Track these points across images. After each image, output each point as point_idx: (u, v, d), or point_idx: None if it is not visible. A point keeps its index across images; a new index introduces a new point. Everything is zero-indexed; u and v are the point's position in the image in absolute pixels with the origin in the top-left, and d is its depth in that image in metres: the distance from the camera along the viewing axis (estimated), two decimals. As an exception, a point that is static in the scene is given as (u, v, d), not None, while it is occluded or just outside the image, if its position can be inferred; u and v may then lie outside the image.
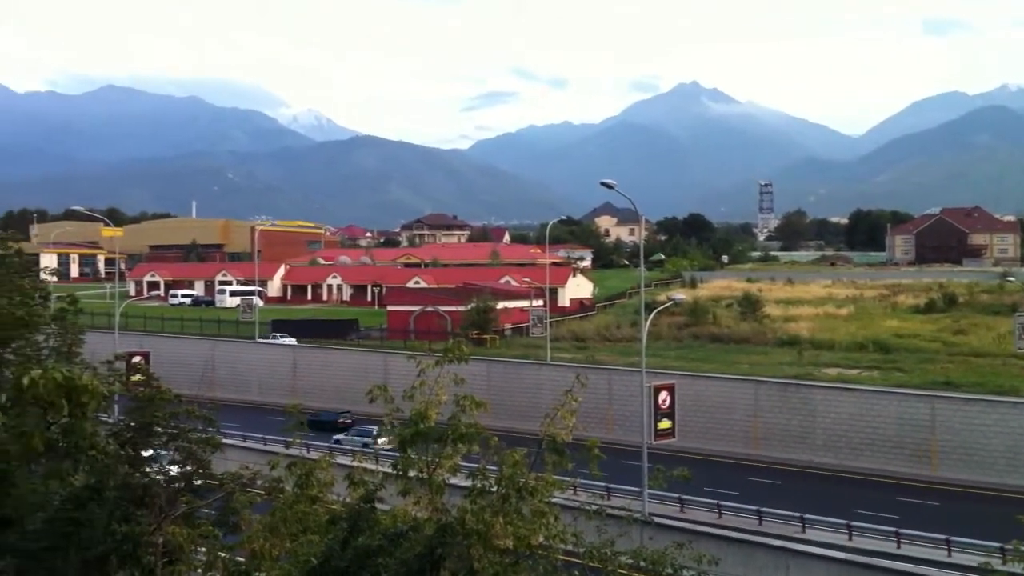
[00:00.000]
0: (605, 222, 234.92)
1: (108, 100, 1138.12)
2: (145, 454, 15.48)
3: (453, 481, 10.55)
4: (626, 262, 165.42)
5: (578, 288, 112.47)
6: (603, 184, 40.74)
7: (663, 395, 41.39)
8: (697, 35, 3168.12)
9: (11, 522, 11.05)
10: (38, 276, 20.87)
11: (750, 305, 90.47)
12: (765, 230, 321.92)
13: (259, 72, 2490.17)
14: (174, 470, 15.17)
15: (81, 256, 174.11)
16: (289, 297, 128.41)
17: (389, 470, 10.76)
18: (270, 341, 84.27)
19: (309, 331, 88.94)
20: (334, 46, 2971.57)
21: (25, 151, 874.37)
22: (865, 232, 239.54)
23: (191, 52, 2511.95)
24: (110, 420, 16.48)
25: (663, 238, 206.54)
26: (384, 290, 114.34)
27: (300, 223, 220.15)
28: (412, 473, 10.35)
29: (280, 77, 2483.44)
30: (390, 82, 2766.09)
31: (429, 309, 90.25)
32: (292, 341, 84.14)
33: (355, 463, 11.46)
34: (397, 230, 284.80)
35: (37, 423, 12.49)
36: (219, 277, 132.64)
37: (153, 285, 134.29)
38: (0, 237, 20.23)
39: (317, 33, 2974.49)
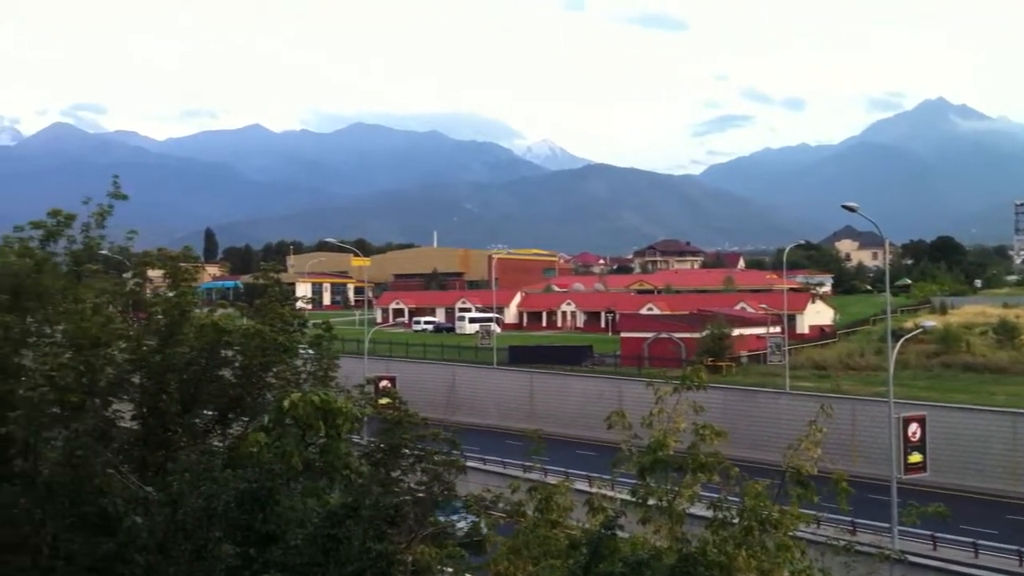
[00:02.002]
0: (846, 246, 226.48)
1: (357, 137, 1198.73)
2: (394, 474, 16.10)
3: (693, 511, 10.45)
4: (869, 288, 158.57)
5: (818, 315, 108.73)
6: (845, 207, 39.39)
7: (913, 427, 39.38)
8: (943, 49, 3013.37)
9: (275, 538, 11.72)
10: (295, 304, 22.05)
11: (1007, 332, 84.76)
12: (1022, 252, 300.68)
13: (499, 107, 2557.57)
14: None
15: (333, 285, 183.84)
16: (525, 324, 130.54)
17: (629, 497, 10.77)
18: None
19: (544, 357, 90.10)
20: (566, 80, 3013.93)
21: (282, 187, 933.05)
22: None
23: (433, 90, 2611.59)
24: (362, 441, 17.23)
25: (909, 262, 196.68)
26: (617, 317, 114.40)
27: (535, 251, 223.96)
28: (651, 501, 10.32)
29: (518, 110, 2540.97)
30: (621, 110, 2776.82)
31: (663, 336, 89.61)
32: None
33: (594, 489, 11.54)
34: (630, 257, 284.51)
35: (296, 443, 13.27)
36: (459, 304, 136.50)
37: (398, 312, 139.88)
38: (262, 268, 21.50)
39: (551, 70, 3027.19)
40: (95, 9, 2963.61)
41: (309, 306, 71.78)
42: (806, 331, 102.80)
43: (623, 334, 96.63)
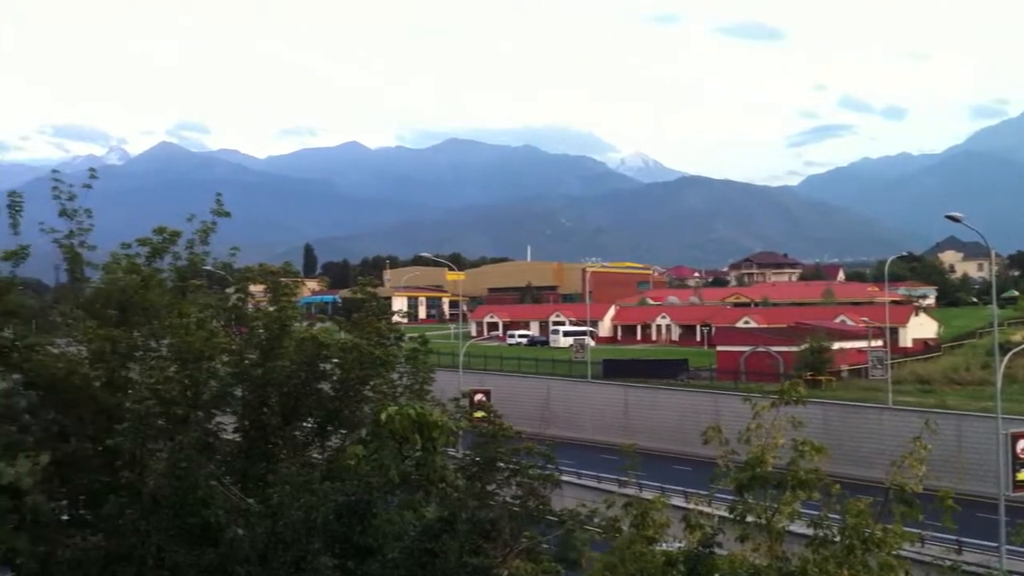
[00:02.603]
0: (949, 257, 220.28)
1: (451, 152, 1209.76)
2: (490, 488, 16.14)
3: (793, 529, 10.26)
4: (974, 300, 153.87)
5: (921, 328, 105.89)
6: (948, 217, 38.39)
7: (1022, 443, 38.08)
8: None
9: (372, 551, 11.84)
10: (391, 318, 22.28)
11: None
12: None
13: (592, 120, 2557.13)
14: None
15: (428, 299, 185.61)
16: (619, 337, 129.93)
17: (726, 514, 10.62)
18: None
19: (639, 371, 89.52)
20: (659, 92, 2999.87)
21: (379, 202, 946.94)
22: None
23: (526, 105, 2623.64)
24: (458, 454, 17.31)
25: (1016, 273, 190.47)
26: (713, 330, 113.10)
27: (629, 264, 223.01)
28: (750, 519, 10.17)
29: (611, 123, 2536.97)
30: (715, 122, 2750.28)
31: (760, 349, 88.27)
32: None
33: (691, 505, 11.42)
34: (725, 269, 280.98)
35: (393, 456, 13.38)
36: (553, 318, 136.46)
37: (492, 326, 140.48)
38: (359, 282, 21.79)
39: (644, 82, 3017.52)
40: (198, 35, 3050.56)
41: (405, 320, 72.44)
42: (909, 345, 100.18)
43: (719, 348, 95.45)
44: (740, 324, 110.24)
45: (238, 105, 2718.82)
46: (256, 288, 21.06)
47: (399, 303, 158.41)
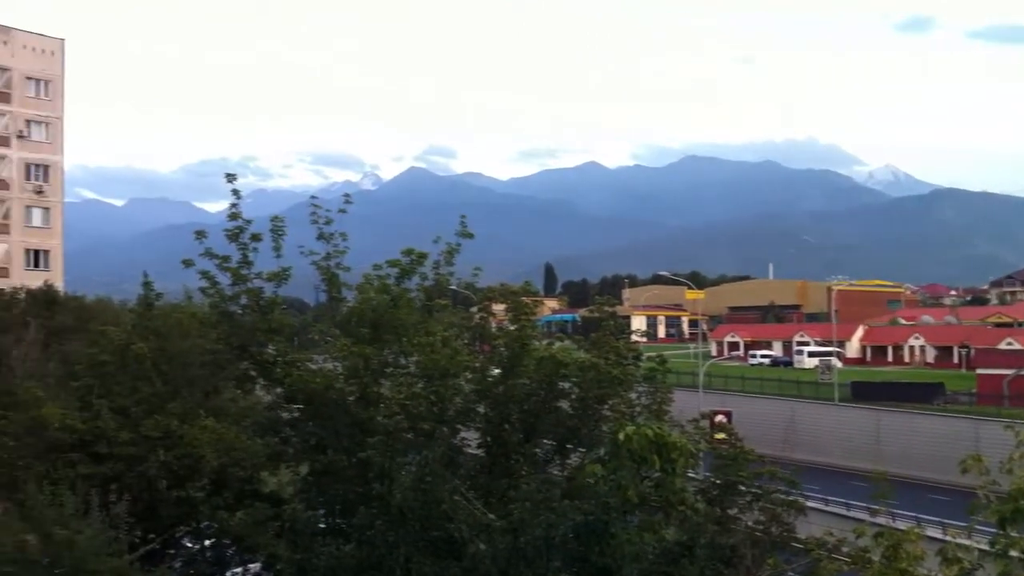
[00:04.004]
0: None
1: (689, 169, 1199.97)
2: (731, 513, 15.85)
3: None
4: None
5: None
6: None
7: None
8: None
9: (610, 572, 11.83)
10: (630, 337, 22.27)
11: None
12: None
13: (836, 133, 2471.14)
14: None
15: (667, 318, 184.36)
16: (868, 358, 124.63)
17: (987, 548, 9.97)
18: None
19: (891, 394, 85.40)
20: (907, 101, 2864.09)
21: (618, 221, 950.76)
22: None
23: (766, 119, 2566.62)
24: (697, 477, 17.08)
25: None
26: (972, 352, 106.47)
27: (878, 282, 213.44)
28: (1013, 553, 9.51)
29: (856, 136, 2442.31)
30: (970, 131, 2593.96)
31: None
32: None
33: (948, 537, 10.77)
34: (985, 287, 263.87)
35: (632, 476, 13.33)
36: (796, 337, 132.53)
37: (733, 345, 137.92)
38: (597, 302, 21.93)
39: (890, 92, 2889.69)
40: (446, 68, 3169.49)
41: (643, 339, 72.37)
42: None
43: (979, 371, 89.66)
44: (1003, 345, 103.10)
45: (482, 130, 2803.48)
46: (498, 307, 21.57)
47: (638, 322, 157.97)
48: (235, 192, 21.18)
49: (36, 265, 77.96)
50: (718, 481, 16.48)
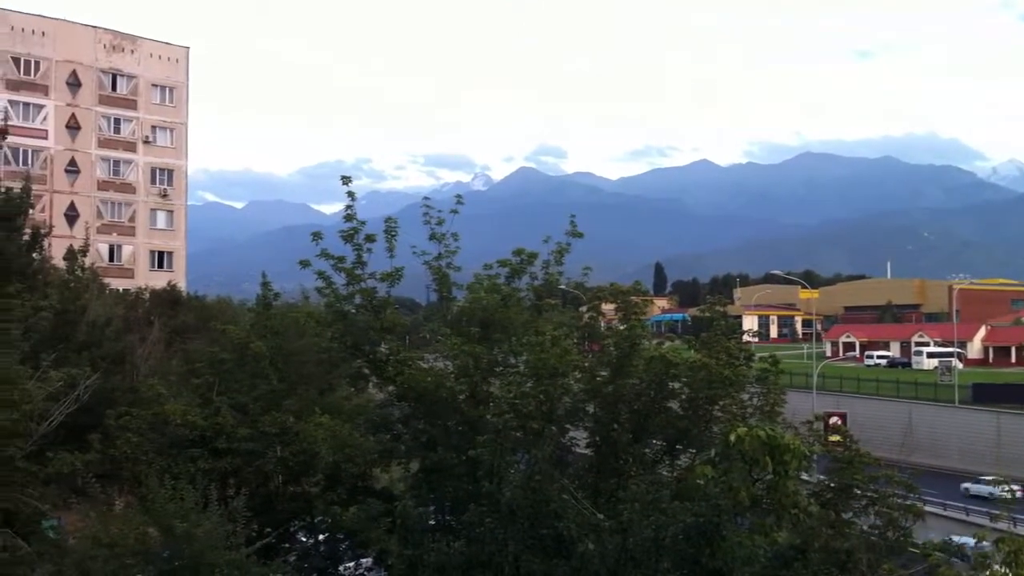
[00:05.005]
0: None
1: (804, 166, 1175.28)
2: (845, 516, 15.51)
3: None
4: None
5: None
6: None
7: None
8: None
9: (721, 575, 11.71)
10: (741, 337, 21.97)
11: None
12: None
13: (958, 127, 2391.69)
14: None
15: (779, 317, 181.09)
16: (991, 359, 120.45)
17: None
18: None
19: (1015, 396, 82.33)
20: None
21: (730, 219, 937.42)
22: None
23: (885, 114, 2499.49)
24: (811, 479, 16.76)
25: None
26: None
27: (1002, 280, 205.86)
28: None
29: (980, 129, 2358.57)
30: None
31: None
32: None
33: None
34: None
35: (743, 478, 13.17)
36: (915, 338, 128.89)
37: (848, 346, 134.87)
38: (709, 301, 21.71)
39: (1016, 83, 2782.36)
40: (553, 71, 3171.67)
41: (755, 339, 71.27)
42: None
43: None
44: None
45: (592, 129, 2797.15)
46: (607, 307, 21.53)
47: (749, 322, 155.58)
48: (350, 194, 21.58)
49: (160, 266, 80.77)
50: (832, 484, 16.13)
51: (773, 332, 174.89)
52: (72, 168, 77.56)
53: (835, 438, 18.82)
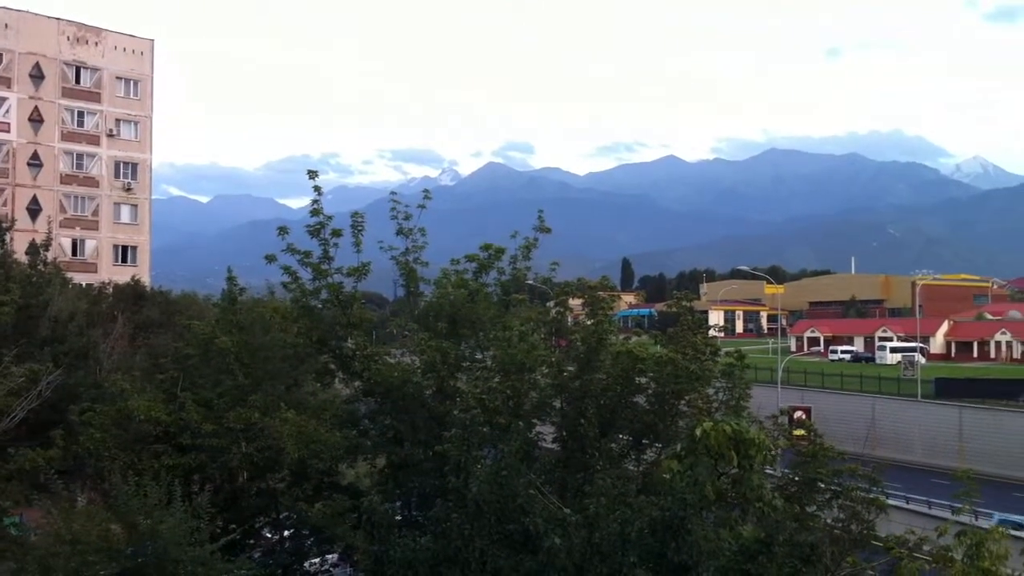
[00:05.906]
0: None
1: (771, 163, 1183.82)
2: (810, 510, 15.62)
3: None
4: None
5: None
6: None
7: None
8: None
9: (687, 568, 11.77)
10: (707, 332, 22.06)
11: None
12: None
13: (923, 124, 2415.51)
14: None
15: (745, 313, 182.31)
16: (953, 354, 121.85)
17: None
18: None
19: (976, 390, 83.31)
20: (997, 90, 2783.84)
21: (698, 215, 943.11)
22: None
23: (850, 111, 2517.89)
24: (776, 473, 16.87)
25: None
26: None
27: (964, 276, 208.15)
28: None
29: (945, 127, 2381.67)
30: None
31: (1121, 371, 79.72)
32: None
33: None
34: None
35: (709, 472, 13.24)
36: (879, 333, 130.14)
37: (813, 341, 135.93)
38: (675, 296, 21.76)
39: (978, 81, 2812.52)
40: (526, 62, 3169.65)
41: (721, 334, 71.85)
42: None
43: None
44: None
45: (558, 126, 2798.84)
46: (575, 302, 21.56)
47: (715, 317, 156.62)
48: (316, 189, 21.51)
49: (124, 260, 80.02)
50: (797, 478, 16.24)
51: (739, 327, 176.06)
52: (35, 161, 76.60)
53: (800, 432, 18.93)
